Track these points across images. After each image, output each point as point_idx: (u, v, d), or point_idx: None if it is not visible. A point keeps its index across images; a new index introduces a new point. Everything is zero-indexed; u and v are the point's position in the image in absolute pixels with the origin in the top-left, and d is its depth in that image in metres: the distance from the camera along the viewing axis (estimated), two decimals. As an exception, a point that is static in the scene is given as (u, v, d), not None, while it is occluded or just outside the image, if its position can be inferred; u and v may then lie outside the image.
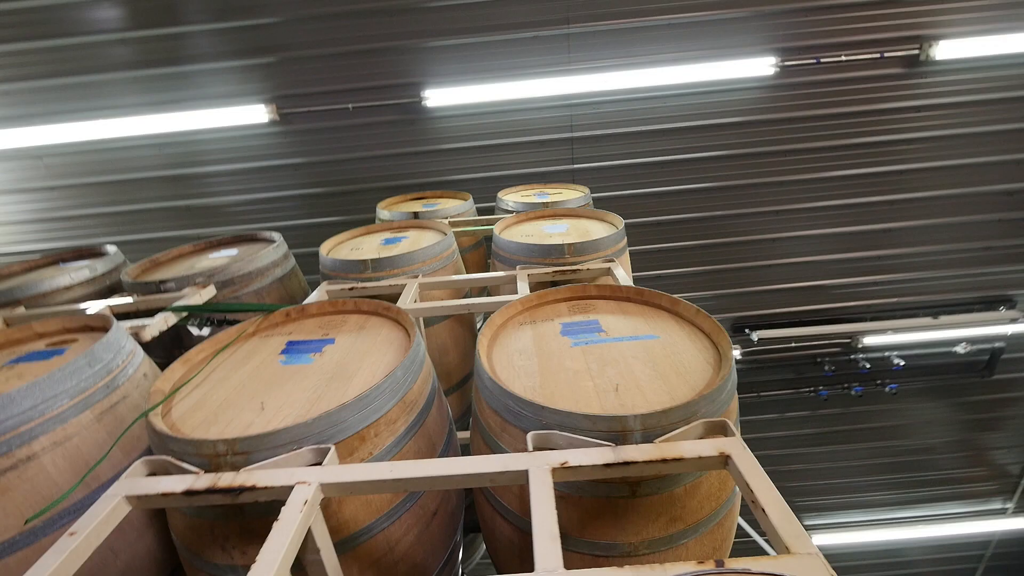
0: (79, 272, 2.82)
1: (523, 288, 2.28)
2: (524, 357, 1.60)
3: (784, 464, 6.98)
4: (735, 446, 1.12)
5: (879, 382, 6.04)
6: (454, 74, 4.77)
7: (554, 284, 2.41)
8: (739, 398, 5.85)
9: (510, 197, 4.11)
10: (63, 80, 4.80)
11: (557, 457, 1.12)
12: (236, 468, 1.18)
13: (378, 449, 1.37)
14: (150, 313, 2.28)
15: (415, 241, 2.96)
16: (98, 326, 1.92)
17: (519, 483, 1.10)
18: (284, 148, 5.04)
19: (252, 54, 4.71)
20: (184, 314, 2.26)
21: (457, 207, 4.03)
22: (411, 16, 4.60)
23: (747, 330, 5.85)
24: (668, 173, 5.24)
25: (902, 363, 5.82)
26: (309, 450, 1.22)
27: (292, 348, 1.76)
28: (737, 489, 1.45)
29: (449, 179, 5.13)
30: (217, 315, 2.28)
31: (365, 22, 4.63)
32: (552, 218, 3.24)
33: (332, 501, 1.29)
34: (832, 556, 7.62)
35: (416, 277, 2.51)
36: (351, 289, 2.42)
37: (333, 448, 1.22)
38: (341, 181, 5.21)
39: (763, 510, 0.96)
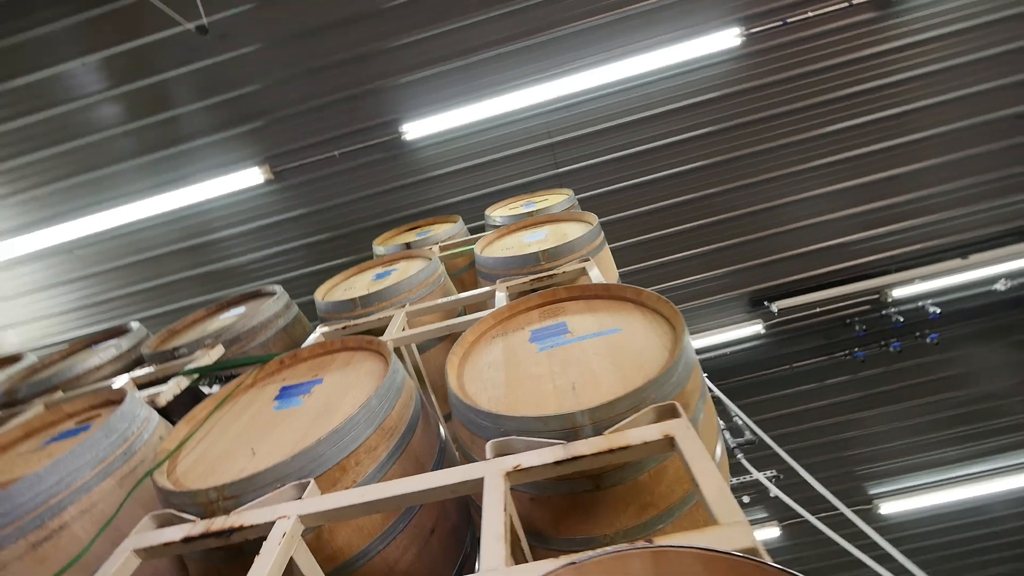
0: (107, 352, 3.06)
1: (502, 301, 2.35)
2: (493, 369, 1.67)
3: (835, 434, 6.68)
4: (680, 427, 1.15)
5: (918, 334, 5.76)
6: (427, 104, 4.95)
7: (534, 292, 2.47)
8: (771, 372, 5.64)
9: (497, 212, 4.20)
10: (81, 177, 5.25)
11: (511, 461, 1.18)
12: (227, 511, 1.29)
13: (361, 476, 1.45)
14: (168, 380, 2.47)
15: (403, 271, 3.08)
16: (116, 399, 2.11)
17: (477, 491, 1.17)
18: (282, 203, 5.32)
19: (240, 122, 5.04)
20: (196, 376, 2.44)
21: (448, 231, 4.16)
22: (379, 58, 4.82)
23: (766, 303, 5.70)
24: (653, 160, 5.23)
25: (938, 311, 5.53)
26: (291, 486, 1.31)
27: (284, 393, 1.89)
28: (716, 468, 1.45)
29: (440, 204, 5.29)
30: (224, 372, 2.44)
31: (338, 72, 4.88)
32: (532, 227, 3.31)
33: (324, 531, 1.38)
34: (909, 522, 7.19)
35: (403, 307, 2.62)
36: (343, 328, 2.55)
37: (312, 482, 1.31)
38: (339, 225, 5.44)
39: (698, 485, 0.99)
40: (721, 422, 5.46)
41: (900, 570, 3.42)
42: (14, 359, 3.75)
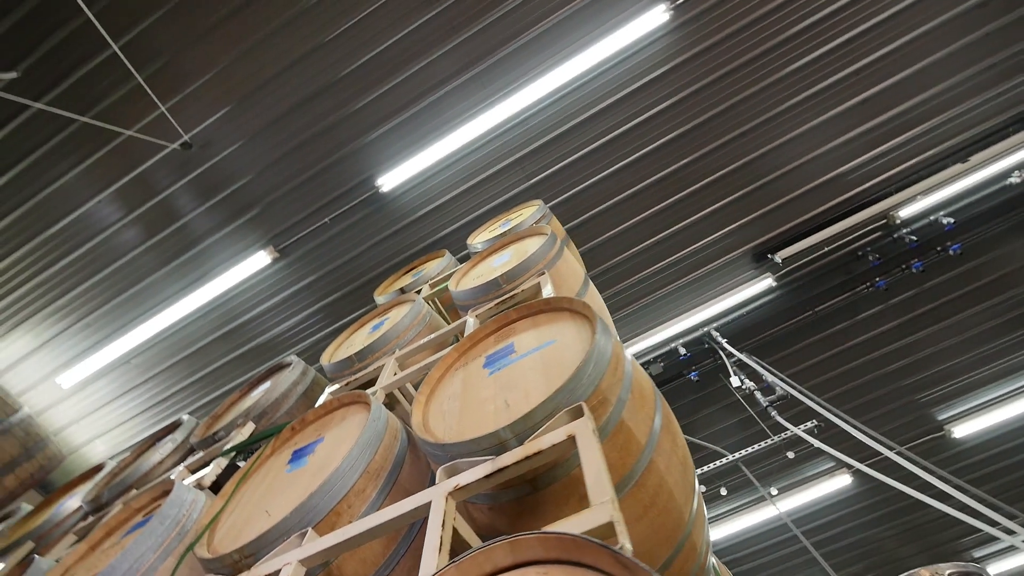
0: (165, 447, 3.51)
1: (471, 329, 2.57)
2: (452, 400, 1.90)
3: (884, 366, 6.42)
4: (581, 426, 1.34)
5: (939, 248, 5.51)
6: (395, 154, 5.29)
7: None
8: (796, 321, 5.50)
9: (478, 240, 4.44)
10: (121, 297, 5.92)
11: (451, 483, 1.40)
12: (248, 567, 1.57)
13: (356, 516, 1.71)
14: (211, 462, 2.84)
15: (394, 318, 3.37)
16: (168, 490, 2.48)
17: (426, 515, 1.39)
18: (292, 276, 5.79)
19: (239, 214, 5.56)
20: (232, 453, 2.80)
21: (437, 266, 4.44)
22: (344, 124, 5.22)
23: (769, 255, 5.64)
24: (621, 147, 5.34)
25: (952, 221, 5.30)
26: (295, 536, 1.59)
27: (295, 456, 2.18)
28: (650, 451, 1.62)
29: (430, 241, 5.60)
30: (255, 445, 2.79)
31: (311, 146, 5.32)
32: (500, 250, 3.53)
33: (333, 568, 1.64)
34: (989, 441, 6.78)
35: (394, 353, 2.90)
36: (346, 384, 2.85)
37: (310, 530, 1.58)
38: (347, 282, 5.86)
39: (584, 472, 1.18)
40: (751, 383, 5.41)
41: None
42: (98, 468, 4.31)
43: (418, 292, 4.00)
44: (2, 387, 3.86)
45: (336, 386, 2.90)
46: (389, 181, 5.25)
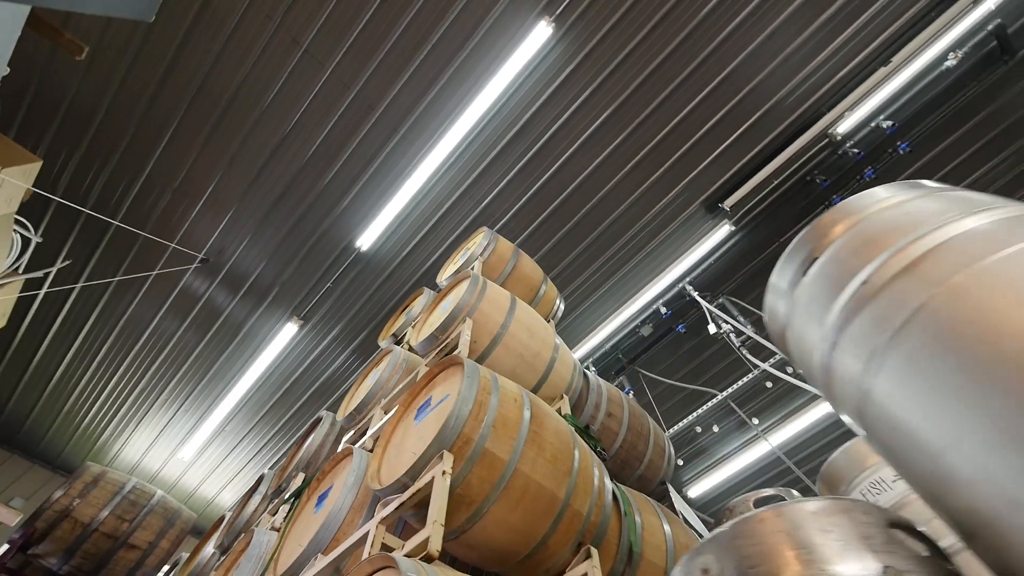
0: (255, 500, 4.73)
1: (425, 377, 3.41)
2: (394, 449, 2.76)
3: None
4: (447, 462, 2.14)
5: (890, 151, 5.54)
6: (364, 216, 6.13)
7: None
8: (763, 257, 5.76)
9: (444, 276, 5.23)
10: (202, 383, 7.36)
11: (380, 515, 2.27)
12: (291, 583, 2.56)
13: (349, 537, 2.64)
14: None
15: (382, 368, 4.27)
16: (251, 539, 3.60)
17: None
18: (318, 334, 6.92)
19: (264, 296, 6.71)
20: (292, 499, 3.89)
21: (420, 304, 5.28)
22: (319, 200, 6.12)
23: (720, 204, 5.94)
24: (549, 152, 5.82)
25: (892, 123, 5.32)
26: (315, 560, 2.54)
27: (319, 500, 3.17)
28: (513, 462, 2.39)
29: (415, 280, 6.47)
30: (303, 490, 3.85)
31: (301, 227, 6.28)
32: (447, 295, 4.29)
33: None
34: None
35: (380, 403, 3.81)
36: (355, 431, 3.82)
37: (319, 554, 2.53)
38: (363, 327, 6.90)
39: (430, 503, 1.99)
40: (725, 326, 5.84)
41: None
42: (221, 520, 5.72)
43: (404, 335, 4.87)
44: (140, 480, 5.28)
45: (350, 432, 3.88)
46: (365, 241, 6.13)
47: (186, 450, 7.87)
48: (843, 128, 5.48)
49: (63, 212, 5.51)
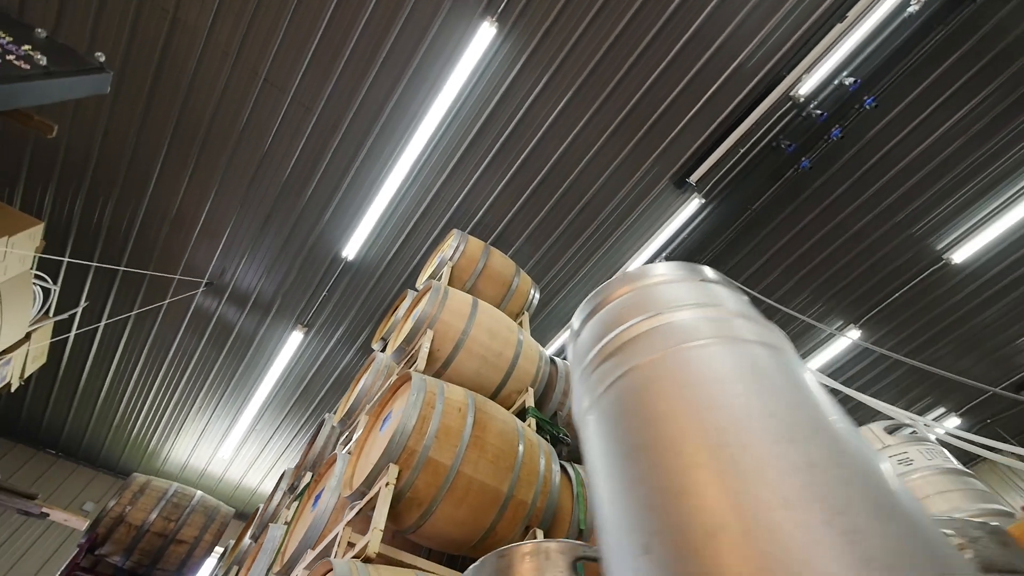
0: (279, 494, 5.37)
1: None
2: (364, 459, 3.19)
3: (858, 221, 6.44)
4: (381, 480, 2.54)
5: (856, 107, 5.43)
6: (345, 227, 6.47)
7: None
8: (739, 224, 5.89)
9: (420, 281, 5.56)
10: (228, 389, 8.08)
11: (347, 518, 2.71)
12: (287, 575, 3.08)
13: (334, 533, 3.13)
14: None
15: (367, 376, 4.71)
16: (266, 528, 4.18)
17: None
18: (323, 339, 7.45)
19: (268, 309, 7.23)
20: (298, 498, 4.44)
21: (403, 308, 5.67)
22: (303, 217, 6.48)
23: (686, 180, 5.98)
24: (511, 148, 5.94)
25: (855, 80, 5.19)
26: (306, 554, 3.05)
27: (315, 499, 3.68)
28: (456, 467, 2.77)
29: (400, 283, 6.83)
30: (304, 490, 4.39)
31: (292, 242, 6.69)
32: (416, 304, 4.63)
33: (332, 562, 3.09)
34: (990, 259, 6.64)
35: (365, 409, 4.25)
36: (349, 435, 4.29)
37: (309, 549, 3.02)
38: (363, 327, 7.37)
39: (375, 510, 2.40)
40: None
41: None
42: (256, 512, 6.46)
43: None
44: (182, 484, 6.05)
45: (344, 435, 4.37)
46: (351, 250, 6.49)
47: (225, 449, 8.73)
48: (805, 89, 5.39)
49: (79, 255, 6.08)
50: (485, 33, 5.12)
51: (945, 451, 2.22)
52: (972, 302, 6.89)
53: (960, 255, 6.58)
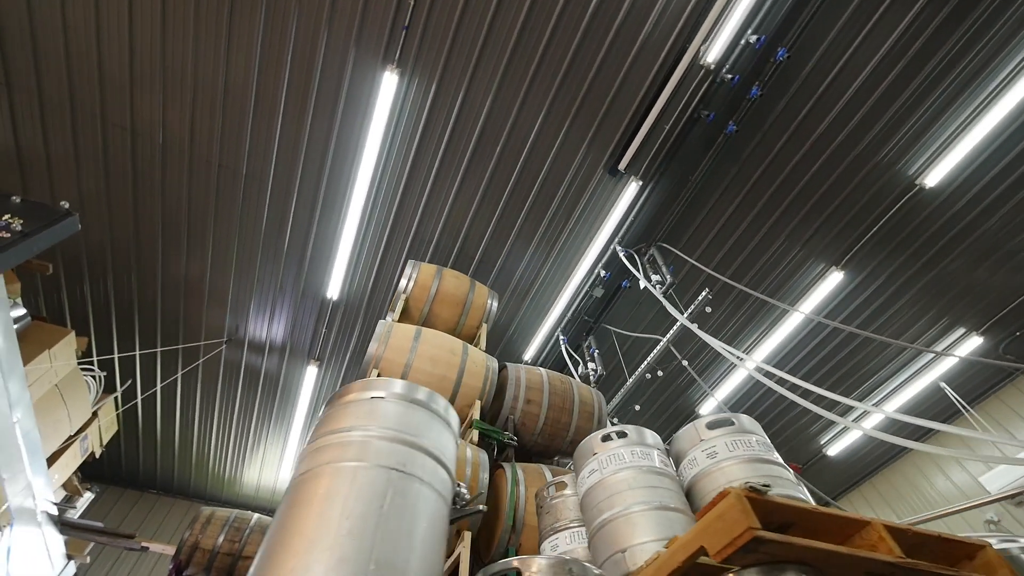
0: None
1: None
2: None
3: (816, 159, 6.24)
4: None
5: (772, 61, 5.27)
6: (320, 269, 7.18)
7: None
8: (685, 198, 6.24)
9: (390, 317, 6.18)
10: (273, 420, 9.29)
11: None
12: None
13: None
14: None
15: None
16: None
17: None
18: (333, 371, 8.36)
19: (282, 352, 8.21)
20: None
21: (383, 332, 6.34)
22: (287, 266, 7.28)
23: (618, 167, 6.09)
24: (448, 170, 6.32)
25: (760, 37, 5.05)
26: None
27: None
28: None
29: (381, 316, 7.50)
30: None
31: (284, 291, 7.55)
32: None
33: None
34: (967, 179, 6.24)
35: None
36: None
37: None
38: (359, 361, 8.18)
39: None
40: (656, 276, 6.17)
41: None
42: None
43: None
44: (241, 510, 7.27)
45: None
46: (332, 292, 7.23)
47: (284, 471, 10.07)
48: (712, 56, 5.30)
49: (124, 340, 7.29)
50: (390, 80, 5.49)
51: (753, 441, 2.51)
52: (975, 209, 6.49)
53: (935, 176, 6.23)
